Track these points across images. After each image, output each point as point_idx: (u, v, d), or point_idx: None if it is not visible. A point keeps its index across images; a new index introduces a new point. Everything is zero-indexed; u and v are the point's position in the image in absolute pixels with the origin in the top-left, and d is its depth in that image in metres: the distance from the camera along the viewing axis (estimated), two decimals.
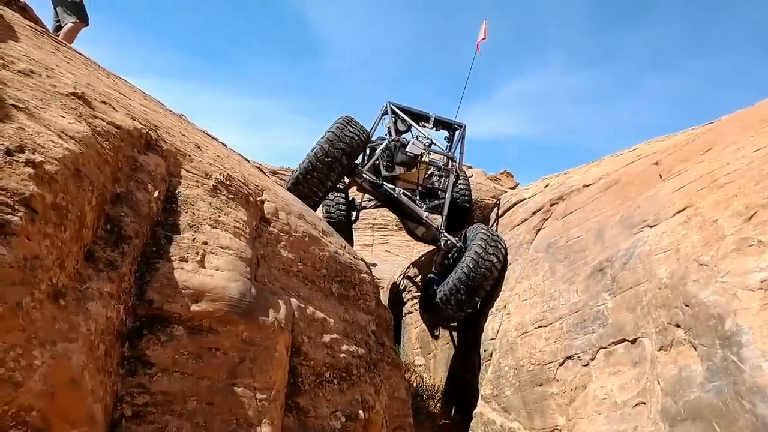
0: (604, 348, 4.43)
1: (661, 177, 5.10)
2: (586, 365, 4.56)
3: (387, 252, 18.36)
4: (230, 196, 4.17)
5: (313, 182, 7.30)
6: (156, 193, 3.47)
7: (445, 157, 8.74)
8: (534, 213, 7.04)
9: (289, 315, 4.01)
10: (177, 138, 4.22)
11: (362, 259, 6.09)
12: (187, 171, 3.96)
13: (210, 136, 5.93)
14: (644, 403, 3.71)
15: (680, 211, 4.24)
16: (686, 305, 3.45)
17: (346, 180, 8.33)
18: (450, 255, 7.68)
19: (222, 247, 3.63)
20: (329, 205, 9.34)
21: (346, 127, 7.39)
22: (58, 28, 6.52)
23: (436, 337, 8.61)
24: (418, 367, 8.48)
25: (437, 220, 8.11)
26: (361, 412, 4.56)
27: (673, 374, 3.39)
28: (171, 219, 3.55)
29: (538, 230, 6.79)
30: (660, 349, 3.69)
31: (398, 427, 5.57)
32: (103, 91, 3.88)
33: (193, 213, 3.69)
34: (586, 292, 5.01)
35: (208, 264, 3.45)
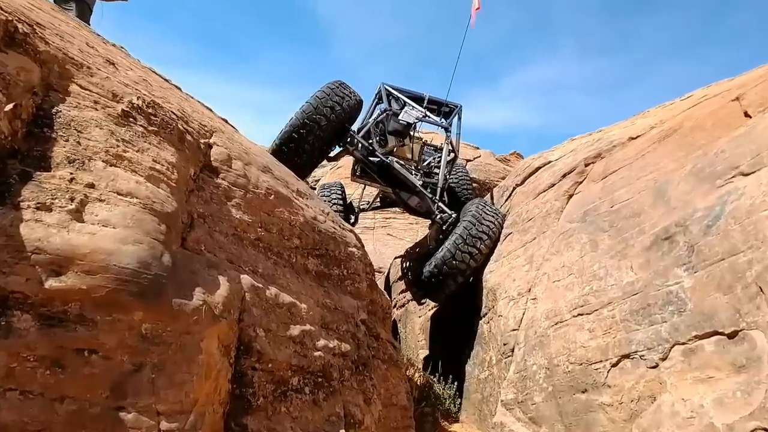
0: (683, 344, 3.16)
1: (747, 114, 3.80)
2: (655, 367, 3.29)
3: (389, 236, 17.08)
4: (151, 128, 2.91)
5: (300, 143, 6.27)
6: (9, 107, 2.21)
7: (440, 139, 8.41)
8: (564, 176, 5.75)
9: (233, 298, 2.76)
10: (74, 45, 2.95)
11: (352, 230, 4.83)
12: (82, 87, 2.69)
13: (159, 75, 4.63)
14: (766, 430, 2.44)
15: None
16: None
17: (338, 149, 7.31)
18: (445, 228, 6.98)
19: (120, 194, 2.37)
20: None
21: (338, 88, 6.72)
22: None
23: (444, 325, 7.38)
24: (423, 362, 7.23)
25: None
26: (343, 431, 3.35)
27: None
28: (38, 149, 2.29)
29: (570, 196, 5.50)
30: None
31: None
32: None
33: (79, 143, 2.43)
34: (646, 269, 3.73)
35: (91, 216, 2.20)
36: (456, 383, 6.13)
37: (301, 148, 6.37)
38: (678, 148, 4.36)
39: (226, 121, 5.01)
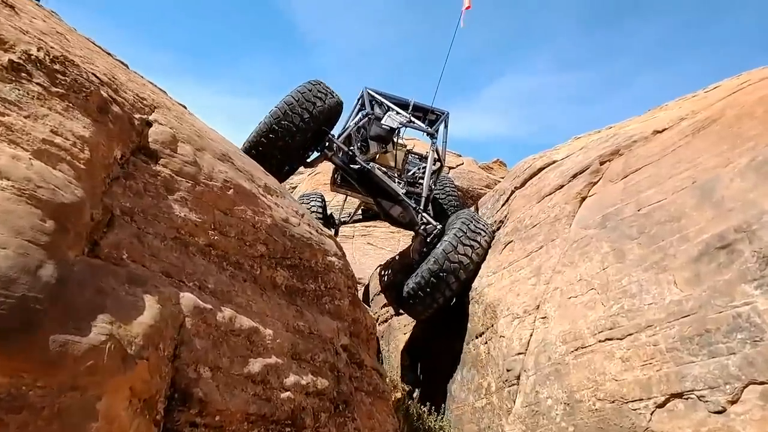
0: (762, 383, 2.44)
1: None
2: (721, 412, 2.57)
3: (369, 245, 16.28)
4: (56, 89, 2.10)
5: (273, 147, 5.63)
6: None
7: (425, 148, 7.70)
8: (575, 176, 5.05)
9: (165, 326, 1.95)
10: None
11: (331, 237, 4.04)
12: None
13: (99, 46, 3.78)
14: None
15: None
16: None
17: (316, 154, 6.65)
18: (429, 240, 6.45)
19: None
20: None
21: (315, 88, 6.08)
22: None
23: (431, 339, 6.60)
24: (409, 385, 6.42)
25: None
26: None
27: None
28: None
29: (584, 198, 4.80)
30: None
31: None
32: None
33: None
34: (696, 284, 3.03)
35: None
36: (448, 412, 5.34)
37: (273, 151, 5.64)
38: (720, 140, 3.68)
39: (184, 107, 4.20)
